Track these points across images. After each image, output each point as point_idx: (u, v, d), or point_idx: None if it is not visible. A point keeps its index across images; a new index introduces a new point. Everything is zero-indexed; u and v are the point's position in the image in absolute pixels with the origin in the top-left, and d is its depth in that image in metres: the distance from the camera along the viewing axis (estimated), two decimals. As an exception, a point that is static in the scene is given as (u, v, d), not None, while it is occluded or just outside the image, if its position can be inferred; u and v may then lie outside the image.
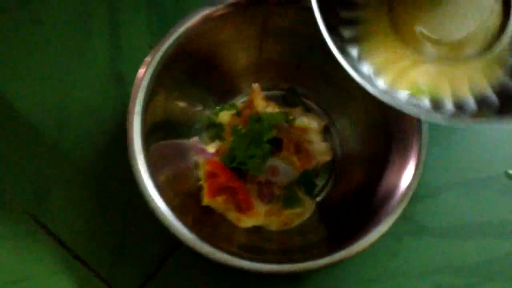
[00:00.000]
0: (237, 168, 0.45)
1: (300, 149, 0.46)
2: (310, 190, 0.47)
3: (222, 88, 0.49)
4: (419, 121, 0.40)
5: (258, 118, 0.46)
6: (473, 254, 0.47)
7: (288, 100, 0.50)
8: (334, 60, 0.41)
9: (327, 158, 0.48)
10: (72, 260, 0.47)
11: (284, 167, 0.45)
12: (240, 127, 0.46)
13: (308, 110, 0.49)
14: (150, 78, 0.42)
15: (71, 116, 0.51)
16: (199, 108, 0.49)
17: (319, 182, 0.48)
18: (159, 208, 0.39)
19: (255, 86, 0.48)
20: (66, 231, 0.48)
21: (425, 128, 0.41)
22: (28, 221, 0.48)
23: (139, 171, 0.40)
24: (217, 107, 0.49)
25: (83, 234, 0.48)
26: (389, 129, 0.44)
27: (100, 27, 0.54)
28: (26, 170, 0.50)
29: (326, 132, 0.49)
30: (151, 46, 0.47)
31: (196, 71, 0.47)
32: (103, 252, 0.48)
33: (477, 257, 0.47)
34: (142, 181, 0.40)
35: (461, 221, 0.48)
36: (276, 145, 0.46)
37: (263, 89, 0.49)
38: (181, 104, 0.47)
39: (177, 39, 0.42)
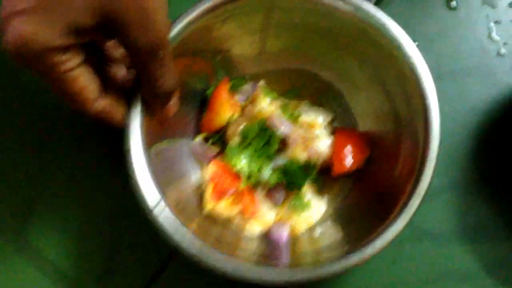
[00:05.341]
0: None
1: (307, 144, 0.43)
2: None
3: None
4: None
5: (263, 128, 0.42)
6: (479, 259, 0.44)
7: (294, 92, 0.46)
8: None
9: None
10: (59, 278, 0.44)
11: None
12: (245, 126, 0.43)
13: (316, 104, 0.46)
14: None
15: (55, 123, 0.47)
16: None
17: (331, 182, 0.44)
18: (158, 218, 0.36)
19: (261, 83, 0.45)
20: (53, 249, 0.45)
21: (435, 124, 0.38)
22: (15, 240, 0.45)
23: (136, 180, 0.37)
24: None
25: (71, 252, 0.45)
26: (399, 123, 0.41)
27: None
28: (11, 187, 0.46)
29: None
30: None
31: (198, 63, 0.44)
32: (91, 269, 0.44)
33: (483, 261, 0.44)
34: (140, 189, 0.36)
35: (465, 224, 0.45)
36: (282, 142, 0.43)
37: (269, 78, 0.46)
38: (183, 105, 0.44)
39: (179, 34, 0.39)
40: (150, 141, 0.39)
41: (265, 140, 0.42)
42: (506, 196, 0.45)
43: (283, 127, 0.42)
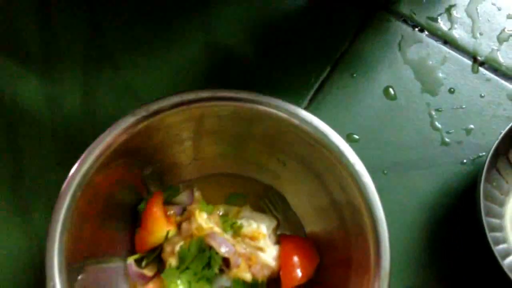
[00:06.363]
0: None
1: (251, 261, 0.40)
2: None
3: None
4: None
5: (202, 247, 0.39)
6: None
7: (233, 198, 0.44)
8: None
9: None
10: None
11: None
12: (182, 246, 0.40)
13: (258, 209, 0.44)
14: (73, 195, 0.36)
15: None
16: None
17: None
18: None
19: (197, 195, 0.42)
20: None
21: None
22: None
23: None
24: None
25: None
26: (344, 223, 0.39)
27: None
28: None
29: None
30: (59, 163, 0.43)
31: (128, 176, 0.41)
32: None
33: None
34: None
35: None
36: (224, 262, 0.39)
37: (205, 184, 0.43)
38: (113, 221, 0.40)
39: (108, 146, 0.36)
40: (74, 263, 0.35)
41: (204, 262, 0.39)
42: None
43: (223, 248, 0.39)
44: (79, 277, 0.36)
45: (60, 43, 0.48)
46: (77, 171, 0.36)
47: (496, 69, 0.49)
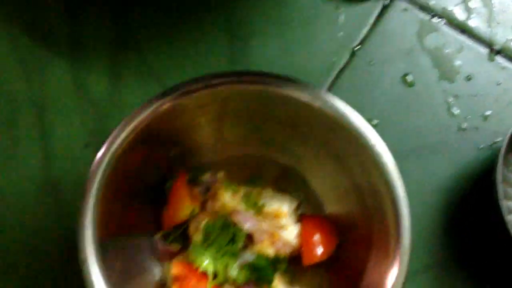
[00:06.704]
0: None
1: (274, 238, 0.41)
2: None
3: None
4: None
5: (226, 224, 0.41)
6: None
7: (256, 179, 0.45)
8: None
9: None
10: None
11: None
12: (207, 222, 0.41)
13: (279, 190, 0.45)
14: (103, 174, 0.37)
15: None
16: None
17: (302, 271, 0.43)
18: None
19: (220, 175, 0.44)
20: None
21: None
22: None
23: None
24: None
25: None
26: (366, 206, 0.40)
27: (28, 131, 0.47)
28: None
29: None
30: (87, 144, 0.45)
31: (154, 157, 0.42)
32: None
33: None
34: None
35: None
36: (248, 238, 0.41)
37: (228, 165, 0.45)
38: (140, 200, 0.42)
39: (134, 127, 0.38)
40: (104, 240, 0.37)
41: (229, 237, 0.40)
42: (480, 276, 0.44)
43: (248, 224, 0.40)
44: (109, 253, 0.37)
45: (87, 29, 0.50)
46: (106, 151, 0.37)
47: (512, 58, 0.50)
